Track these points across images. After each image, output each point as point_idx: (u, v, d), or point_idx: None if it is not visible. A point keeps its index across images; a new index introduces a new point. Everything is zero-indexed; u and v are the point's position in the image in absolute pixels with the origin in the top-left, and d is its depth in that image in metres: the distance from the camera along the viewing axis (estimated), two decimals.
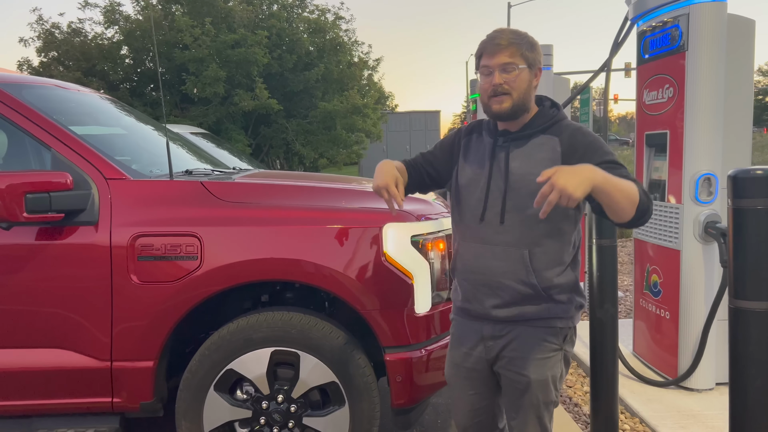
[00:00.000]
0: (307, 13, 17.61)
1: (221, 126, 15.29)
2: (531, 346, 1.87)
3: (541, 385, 1.88)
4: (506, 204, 1.84)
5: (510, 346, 1.90)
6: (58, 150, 2.52)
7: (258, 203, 2.60)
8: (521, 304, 1.86)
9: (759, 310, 1.85)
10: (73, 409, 2.52)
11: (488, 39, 1.84)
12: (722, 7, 3.28)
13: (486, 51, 1.83)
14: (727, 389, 1.98)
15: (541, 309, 1.86)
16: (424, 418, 3.38)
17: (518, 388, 1.90)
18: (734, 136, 3.41)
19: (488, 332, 1.93)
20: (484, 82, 1.86)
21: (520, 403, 1.91)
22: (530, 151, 1.85)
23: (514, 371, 1.90)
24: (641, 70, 3.78)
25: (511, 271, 1.84)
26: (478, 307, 1.93)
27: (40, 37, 15.74)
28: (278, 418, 2.51)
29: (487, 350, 1.95)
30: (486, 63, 1.83)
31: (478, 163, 1.94)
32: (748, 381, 1.88)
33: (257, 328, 2.49)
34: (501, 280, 1.86)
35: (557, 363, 1.91)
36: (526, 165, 1.83)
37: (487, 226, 1.88)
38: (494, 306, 1.88)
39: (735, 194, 1.89)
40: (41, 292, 2.44)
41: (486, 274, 1.88)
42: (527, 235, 1.83)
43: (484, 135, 1.98)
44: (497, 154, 1.90)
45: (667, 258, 3.52)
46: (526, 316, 1.87)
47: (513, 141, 1.88)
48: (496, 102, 1.83)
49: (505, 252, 1.85)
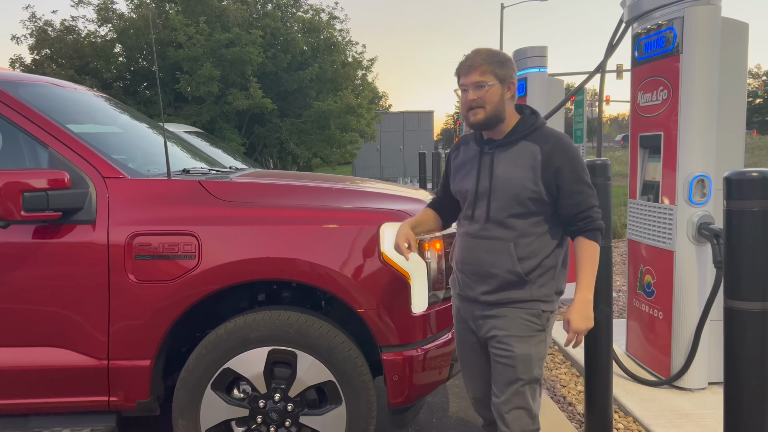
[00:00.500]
0: (301, 12, 17.60)
1: (215, 125, 15.25)
2: (516, 324, 2.10)
3: (525, 361, 2.09)
4: (491, 204, 2.10)
5: (498, 326, 2.12)
6: (56, 148, 2.51)
7: (256, 202, 2.60)
8: (507, 290, 2.10)
9: (754, 310, 1.87)
10: (69, 407, 2.52)
11: (463, 61, 2.11)
12: (716, 11, 3.31)
13: (461, 72, 2.10)
14: (720, 389, 2.00)
15: (525, 293, 2.09)
16: (419, 418, 3.39)
17: (504, 363, 2.10)
18: (728, 138, 3.45)
19: (479, 313, 2.18)
20: (462, 98, 2.12)
21: (505, 379, 2.11)
22: (513, 156, 2.10)
23: (500, 347, 2.11)
24: (636, 72, 3.81)
25: (499, 262, 2.09)
26: (470, 293, 2.18)
27: (32, 35, 15.64)
28: (275, 416, 2.51)
29: (478, 328, 2.20)
30: (462, 82, 2.11)
31: (468, 169, 2.21)
32: (743, 380, 1.90)
33: (254, 327, 2.49)
34: (489, 270, 2.10)
35: (540, 343, 2.13)
36: (509, 170, 2.08)
37: (476, 223, 2.14)
38: (483, 292, 2.13)
39: (730, 196, 1.91)
40: (38, 291, 2.44)
41: (476, 264, 2.13)
42: (511, 230, 2.08)
43: (471, 144, 2.25)
44: (483, 159, 2.15)
45: (661, 259, 3.55)
46: (512, 299, 2.10)
47: (498, 147, 2.14)
48: (472, 114, 2.09)
49: (492, 245, 2.10)
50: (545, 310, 2.11)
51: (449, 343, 2.67)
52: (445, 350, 2.65)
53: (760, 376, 1.89)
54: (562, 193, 2.05)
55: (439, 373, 2.65)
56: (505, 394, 2.11)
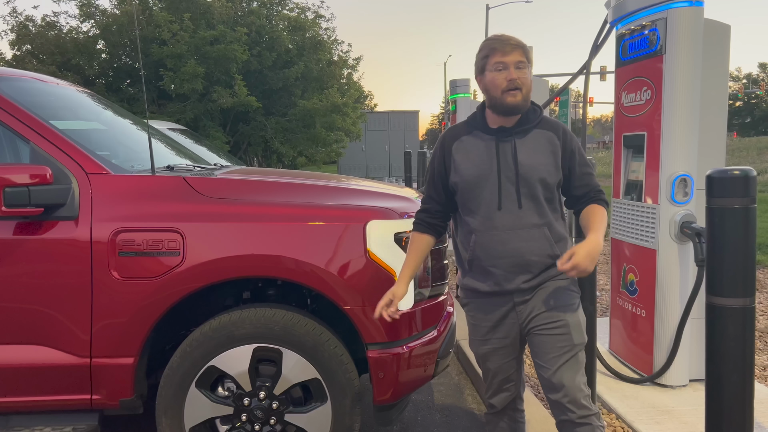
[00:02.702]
0: (286, 10, 17.55)
1: (199, 123, 15.16)
2: (560, 295, 2.14)
3: (577, 327, 2.13)
4: (520, 191, 2.09)
5: (541, 301, 2.13)
6: (38, 143, 2.48)
7: (241, 199, 2.59)
8: (545, 271, 2.13)
9: (735, 307, 1.90)
10: (51, 406, 2.48)
11: (499, 40, 2.06)
12: (699, 12, 3.35)
13: (498, 50, 2.04)
14: (701, 386, 2.03)
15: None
16: (404, 415, 3.39)
17: (556, 334, 2.11)
18: (710, 138, 3.49)
19: (519, 299, 2.15)
20: (498, 77, 2.04)
21: (559, 349, 2.10)
22: (532, 143, 2.11)
23: (552, 320, 2.11)
24: (620, 73, 3.84)
25: (539, 248, 2.10)
26: (510, 285, 2.13)
27: (13, 30, 15.43)
28: (260, 414, 2.50)
29: (518, 314, 2.17)
30: (500, 60, 2.04)
31: (483, 159, 2.13)
32: (724, 376, 1.93)
33: (239, 325, 2.48)
34: (530, 258, 2.10)
35: (580, 308, 2.18)
36: (531, 156, 2.09)
37: (507, 214, 2.10)
38: (526, 280, 2.12)
39: (712, 193, 1.93)
40: (19, 288, 2.41)
41: (516, 256, 2.10)
42: (542, 214, 2.11)
43: (477, 133, 2.17)
44: (502, 147, 2.11)
45: (644, 257, 3.58)
46: (550, 275, 2.14)
47: (515, 135, 2.12)
48: (510, 95, 2.04)
49: (528, 233, 2.10)
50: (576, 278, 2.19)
51: (435, 340, 2.68)
52: (431, 348, 2.65)
53: (742, 372, 1.92)
54: (574, 175, 2.15)
55: (425, 371, 2.65)
56: (558, 363, 2.10)
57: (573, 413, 2.08)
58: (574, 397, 2.08)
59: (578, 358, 2.13)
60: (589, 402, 2.10)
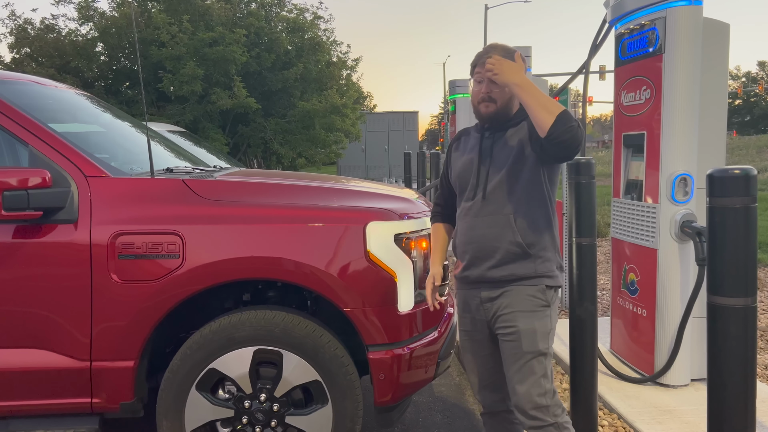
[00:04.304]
0: (285, 12, 17.56)
1: (198, 124, 15.16)
2: (520, 300, 2.15)
3: (529, 335, 2.12)
4: (488, 181, 2.20)
5: (503, 304, 2.17)
6: (37, 147, 2.48)
7: (240, 201, 2.58)
8: (512, 263, 2.15)
9: (736, 306, 1.89)
10: (51, 410, 2.48)
11: (482, 51, 2.22)
12: (698, 11, 3.34)
13: (479, 61, 2.20)
14: (702, 385, 2.02)
15: (529, 269, 2.15)
16: (405, 417, 3.39)
17: (510, 341, 2.14)
18: (709, 137, 3.48)
19: (485, 295, 2.22)
20: (476, 87, 2.22)
21: (511, 355, 2.14)
22: (509, 136, 2.22)
23: (505, 325, 2.16)
24: (619, 72, 3.84)
25: (501, 234, 2.16)
26: (476, 271, 2.22)
27: (12, 33, 15.44)
28: (261, 417, 2.50)
29: (485, 311, 2.24)
30: (479, 70, 2.19)
31: (468, 156, 2.29)
32: (726, 376, 1.92)
33: (240, 327, 2.47)
34: (494, 244, 2.16)
35: (545, 318, 2.16)
36: (505, 149, 2.21)
37: (478, 202, 2.22)
38: (489, 267, 2.17)
39: (713, 193, 1.93)
40: (19, 291, 2.40)
41: (480, 241, 2.19)
42: (509, 202, 2.16)
43: (473, 133, 2.37)
44: (484, 144, 2.26)
45: (644, 257, 3.58)
46: (517, 275, 2.16)
47: (497, 131, 2.25)
48: (483, 107, 2.21)
49: (494, 219, 2.18)
50: (549, 285, 2.18)
51: (435, 341, 2.67)
52: (432, 349, 2.65)
53: (743, 371, 1.91)
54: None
55: (426, 372, 2.65)
56: (512, 370, 2.13)
57: (525, 421, 2.13)
58: (523, 407, 2.12)
59: (531, 367, 2.11)
60: (543, 413, 2.10)
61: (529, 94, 2.00)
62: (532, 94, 1.99)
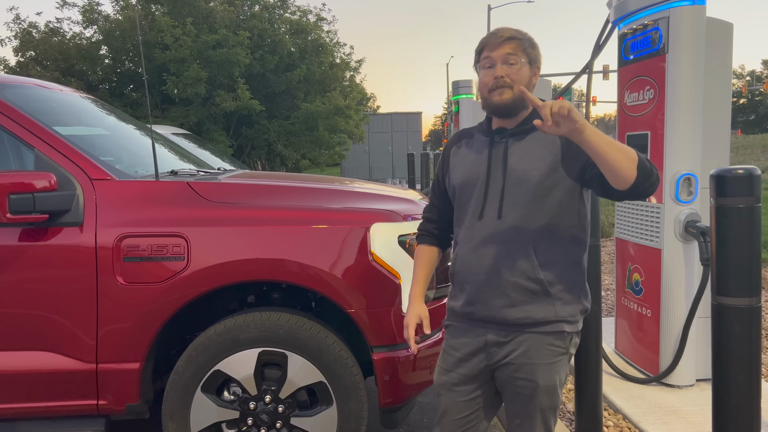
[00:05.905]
0: (288, 14, 17.59)
1: (202, 127, 15.20)
2: (539, 351, 1.81)
3: (549, 391, 1.83)
4: (504, 200, 1.81)
5: (517, 352, 1.82)
6: (42, 150, 2.49)
7: (244, 203, 2.59)
8: (528, 303, 1.80)
9: (741, 306, 1.89)
10: (58, 412, 2.49)
11: (491, 33, 1.84)
12: (701, 11, 3.34)
13: (488, 44, 1.82)
14: (707, 385, 2.01)
15: (549, 312, 1.80)
16: (410, 417, 3.39)
17: (525, 394, 1.83)
18: (713, 137, 3.48)
19: (492, 338, 1.85)
20: (485, 74, 1.83)
21: (527, 409, 1.85)
22: (528, 146, 1.82)
23: (521, 378, 1.82)
24: (622, 72, 3.83)
25: (517, 268, 1.79)
26: (483, 309, 1.84)
27: (17, 37, 15.50)
28: (266, 418, 2.50)
29: (489, 356, 1.87)
30: (488, 54, 1.82)
31: (474, 163, 1.90)
32: (731, 376, 1.92)
33: (245, 329, 2.48)
34: (507, 278, 1.80)
35: (563, 366, 1.87)
36: (525, 160, 1.81)
37: (487, 224, 1.83)
38: (503, 306, 1.81)
39: (718, 193, 1.92)
40: (25, 294, 2.41)
41: (490, 273, 1.82)
42: (529, 230, 1.79)
43: (477, 136, 1.96)
44: (495, 150, 1.87)
45: (649, 257, 3.57)
46: (535, 319, 1.80)
47: (511, 136, 1.85)
48: (497, 94, 1.80)
49: (508, 249, 1.80)
50: (569, 331, 1.84)
51: (440, 342, 2.67)
52: (436, 350, 2.65)
53: (748, 372, 1.91)
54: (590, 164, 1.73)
55: (430, 373, 2.65)
56: (526, 422, 1.87)
57: None
58: None
59: (546, 422, 1.87)
60: None
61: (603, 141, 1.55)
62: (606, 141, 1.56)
